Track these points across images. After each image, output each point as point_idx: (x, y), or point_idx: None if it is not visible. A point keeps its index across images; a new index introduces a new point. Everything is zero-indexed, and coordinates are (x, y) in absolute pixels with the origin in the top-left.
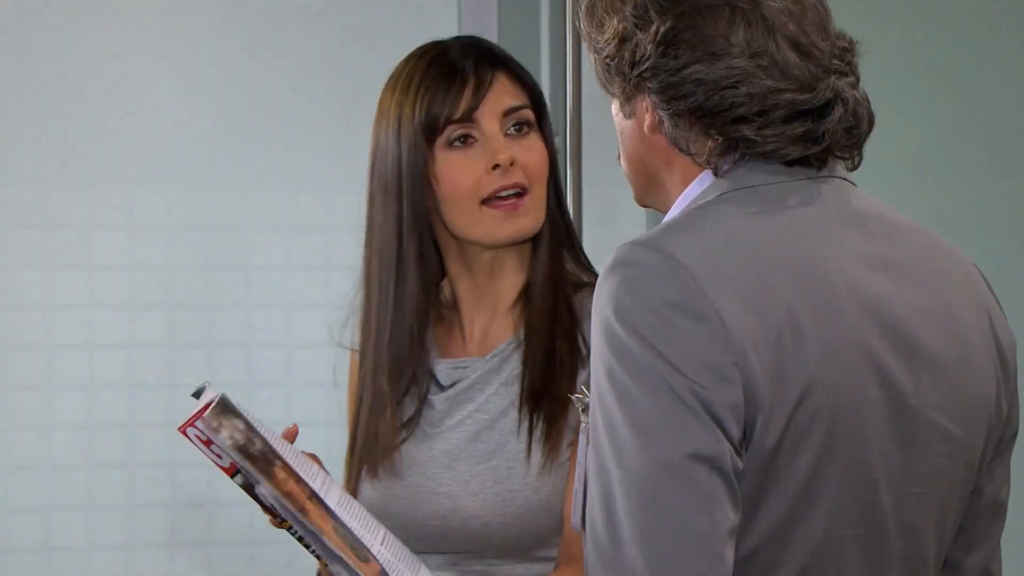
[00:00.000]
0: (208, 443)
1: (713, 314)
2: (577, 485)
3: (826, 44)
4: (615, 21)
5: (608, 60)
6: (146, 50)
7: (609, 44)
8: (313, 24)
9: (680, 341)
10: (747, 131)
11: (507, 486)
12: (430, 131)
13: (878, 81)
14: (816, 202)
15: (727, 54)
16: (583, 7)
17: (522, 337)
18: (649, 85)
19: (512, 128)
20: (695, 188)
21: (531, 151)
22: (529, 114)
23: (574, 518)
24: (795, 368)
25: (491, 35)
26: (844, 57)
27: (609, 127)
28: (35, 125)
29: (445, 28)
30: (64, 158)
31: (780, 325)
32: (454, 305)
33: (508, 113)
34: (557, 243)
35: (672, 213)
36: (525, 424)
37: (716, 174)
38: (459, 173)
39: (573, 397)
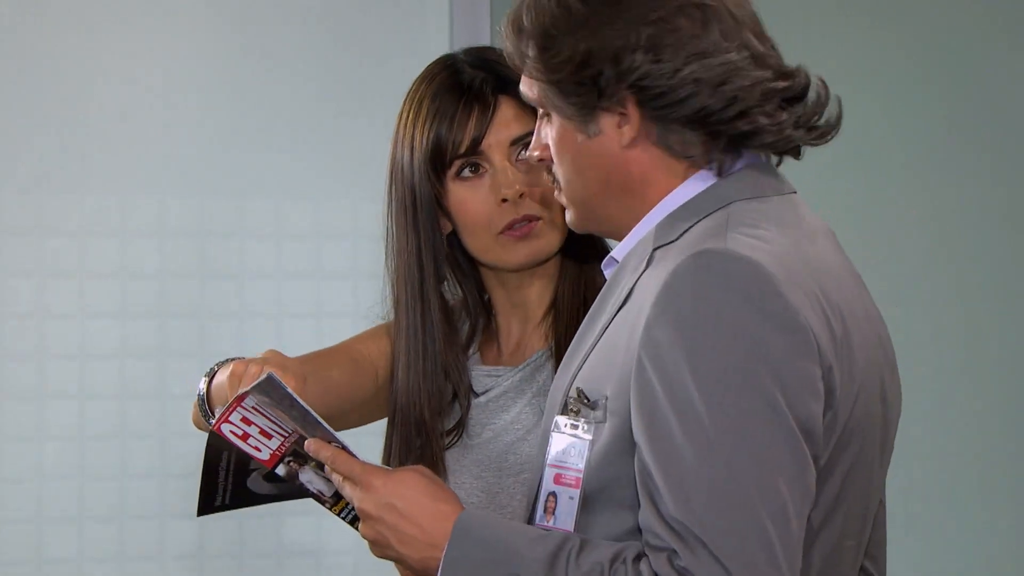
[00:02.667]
0: (245, 436)
1: (806, 326)
2: (570, 492)
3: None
4: (571, 40)
5: (562, 83)
6: (140, 56)
7: (566, 65)
8: (307, 29)
9: (779, 356)
10: (750, 124)
11: None
12: (439, 164)
13: (879, 82)
14: (807, 216)
15: (716, 51)
16: (509, 34)
17: (554, 349)
18: (639, 96)
19: (522, 153)
20: (692, 187)
21: (540, 181)
22: None
23: (560, 522)
24: (849, 380)
25: (483, 39)
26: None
27: None
28: (27, 130)
29: (438, 32)
30: (56, 164)
31: (839, 335)
32: (493, 314)
33: (515, 142)
34: (584, 255)
35: (660, 214)
36: None
37: (720, 173)
38: (472, 206)
39: (570, 395)
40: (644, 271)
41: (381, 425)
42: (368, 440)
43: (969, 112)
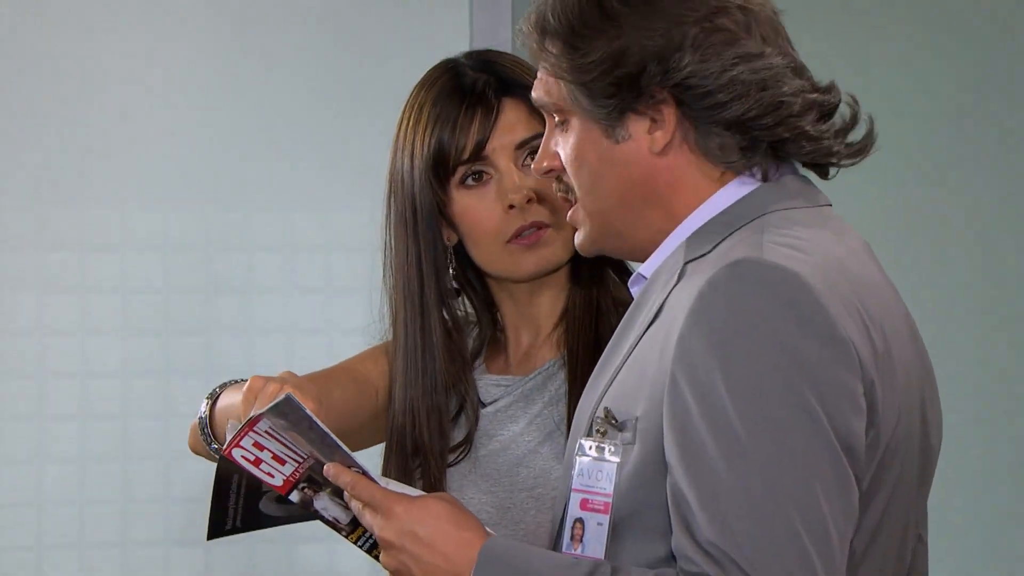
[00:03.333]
0: (257, 462)
1: (847, 338)
2: (599, 519)
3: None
4: (604, 39)
5: (593, 83)
6: (143, 66)
7: (600, 64)
8: (315, 29)
9: (818, 367)
10: (791, 131)
11: (550, 516)
12: (441, 171)
13: (881, 80)
14: (844, 228)
15: (761, 54)
16: (532, 33)
17: (566, 358)
18: (682, 97)
19: (529, 158)
20: (729, 194)
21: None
22: None
23: (591, 550)
24: (892, 396)
25: (504, 39)
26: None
27: None
28: (26, 142)
29: (456, 33)
30: (57, 176)
31: (880, 349)
32: (502, 324)
33: (521, 145)
34: (597, 263)
35: (692, 225)
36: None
37: (766, 178)
38: (477, 215)
39: (597, 416)
40: (675, 286)
41: (377, 448)
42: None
43: (973, 113)
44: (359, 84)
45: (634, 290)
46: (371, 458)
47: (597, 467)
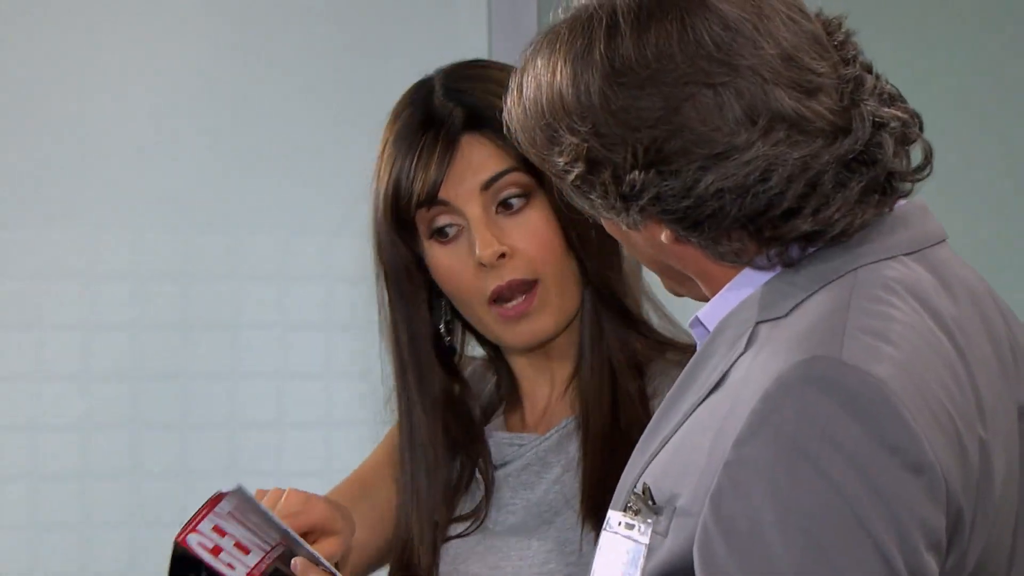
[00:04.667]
0: (216, 551)
1: (934, 463)
2: None
3: (822, 60)
4: (569, 139)
5: (577, 183)
6: (116, 64)
7: (574, 166)
8: (314, 34)
9: (896, 502)
10: (804, 225)
11: None
12: (402, 219)
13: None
14: (955, 275)
15: (735, 148)
16: (510, 109)
17: (580, 419)
18: (659, 215)
19: (505, 201)
20: (760, 274)
21: (530, 235)
22: (520, 178)
23: None
24: (983, 521)
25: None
26: (843, 52)
27: None
28: None
29: (475, 29)
30: (10, 193)
31: (975, 466)
32: (517, 375)
33: (489, 184)
34: (605, 317)
35: (735, 294)
36: (589, 531)
37: (788, 265)
38: (451, 274)
39: (635, 490)
40: (744, 352)
41: None
42: None
43: (976, 112)
44: (367, 94)
45: (695, 332)
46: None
47: (624, 546)
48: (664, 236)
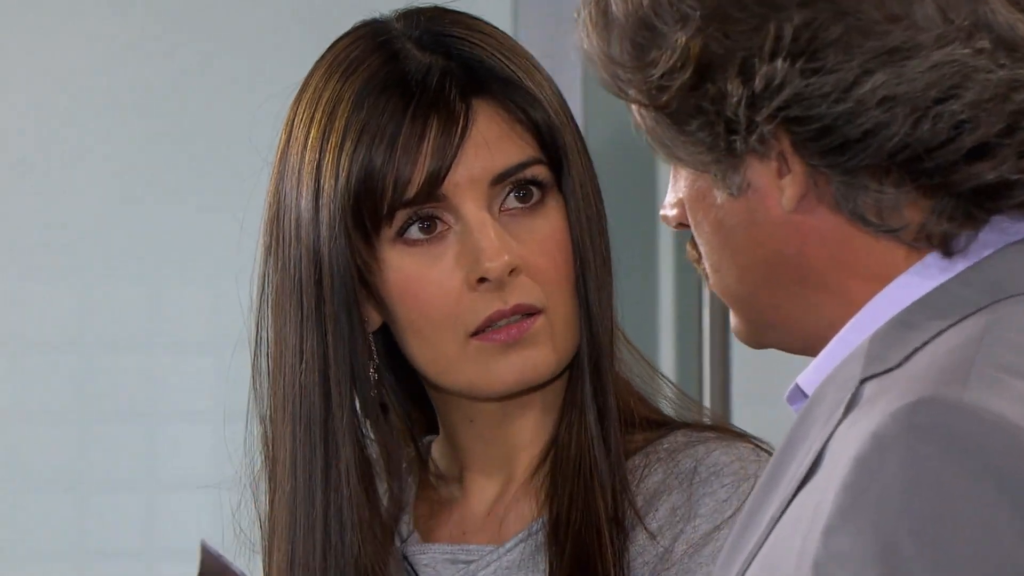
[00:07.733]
0: None
1: None
2: None
3: None
4: (678, 35)
5: (672, 106)
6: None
7: (675, 76)
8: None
9: None
10: (991, 174)
11: None
12: (369, 216)
13: None
14: None
15: (918, 47)
16: (592, 26)
17: (549, 524)
18: (793, 130)
19: (512, 196)
20: (908, 287)
21: (544, 246)
22: (541, 172)
23: None
24: None
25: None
26: None
27: None
28: None
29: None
30: None
31: None
32: (448, 466)
33: (502, 178)
34: (605, 372)
35: (884, 308)
36: None
37: (948, 253)
38: (423, 290)
39: None
40: (842, 419)
41: None
42: None
43: None
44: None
45: (794, 408)
46: None
47: None
48: (788, 193)
